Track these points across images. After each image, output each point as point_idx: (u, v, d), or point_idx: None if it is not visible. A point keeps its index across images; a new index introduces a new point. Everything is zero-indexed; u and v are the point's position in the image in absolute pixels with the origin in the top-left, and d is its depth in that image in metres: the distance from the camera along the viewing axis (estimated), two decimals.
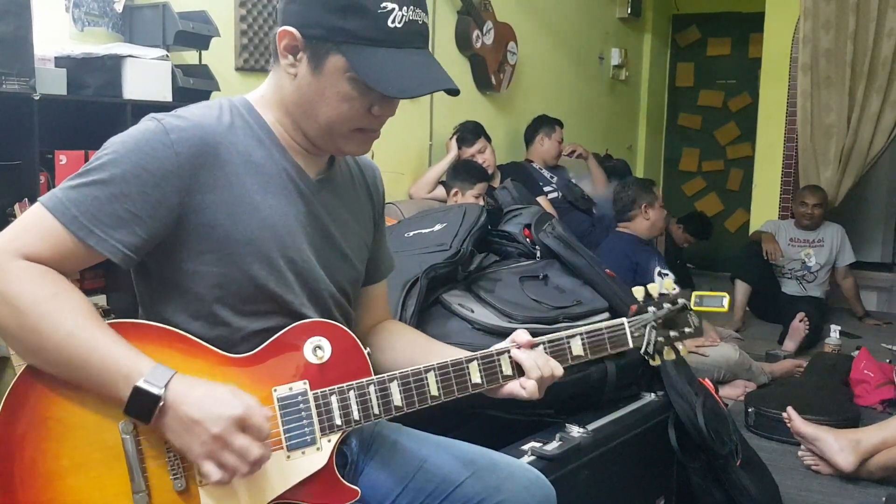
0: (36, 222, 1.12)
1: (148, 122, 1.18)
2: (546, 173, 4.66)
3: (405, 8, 1.16)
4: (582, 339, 1.35)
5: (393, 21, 1.15)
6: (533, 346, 1.33)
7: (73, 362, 1.09)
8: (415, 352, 1.36)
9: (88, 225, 1.12)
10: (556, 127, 4.74)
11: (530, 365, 1.29)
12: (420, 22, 1.18)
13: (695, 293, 1.46)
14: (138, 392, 1.07)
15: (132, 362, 1.09)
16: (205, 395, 1.09)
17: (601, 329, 1.37)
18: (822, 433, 2.82)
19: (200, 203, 1.17)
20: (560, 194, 4.57)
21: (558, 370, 1.32)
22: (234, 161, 1.20)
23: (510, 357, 1.30)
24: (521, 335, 1.34)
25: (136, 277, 1.26)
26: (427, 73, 1.19)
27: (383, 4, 1.14)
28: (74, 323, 1.09)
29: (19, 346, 1.10)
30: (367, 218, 1.41)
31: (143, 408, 1.08)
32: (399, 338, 1.45)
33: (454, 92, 1.21)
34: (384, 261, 1.50)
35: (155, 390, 1.07)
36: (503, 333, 1.94)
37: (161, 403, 1.07)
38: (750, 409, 3.27)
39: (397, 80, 1.16)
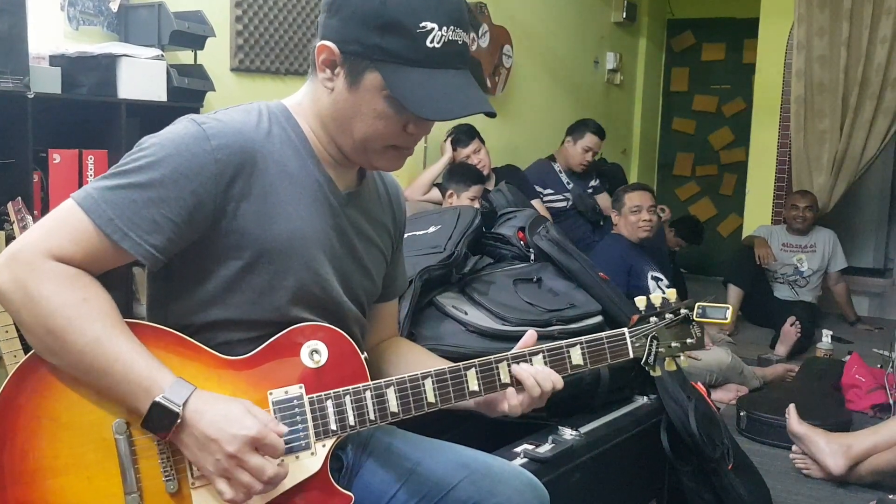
0: (69, 221, 1.11)
1: (188, 125, 1.16)
2: (564, 178, 4.63)
3: (445, 28, 1.14)
4: (582, 349, 1.33)
5: (431, 41, 1.13)
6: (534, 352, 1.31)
7: (95, 369, 1.09)
8: (419, 366, 1.32)
9: (124, 228, 1.11)
10: (588, 133, 4.65)
11: (530, 383, 1.27)
12: (460, 42, 1.16)
13: (698, 304, 1.43)
14: (157, 407, 1.08)
15: (153, 376, 1.09)
16: (221, 413, 1.10)
17: (601, 338, 1.35)
18: (815, 434, 2.84)
19: (234, 210, 1.17)
20: (570, 203, 4.55)
21: (559, 383, 1.30)
22: (270, 170, 1.19)
23: (509, 366, 1.29)
24: (531, 338, 1.33)
25: (154, 275, 1.24)
26: (462, 96, 1.18)
27: (422, 24, 1.13)
28: (101, 330, 1.09)
29: (42, 346, 1.10)
30: (388, 234, 1.41)
31: (161, 423, 1.09)
32: (406, 352, 1.45)
33: (490, 115, 1.19)
34: (398, 279, 1.49)
35: (173, 407, 1.08)
36: (497, 336, 1.95)
37: (178, 420, 1.08)
38: (742, 413, 3.28)
39: (431, 101, 1.15)
